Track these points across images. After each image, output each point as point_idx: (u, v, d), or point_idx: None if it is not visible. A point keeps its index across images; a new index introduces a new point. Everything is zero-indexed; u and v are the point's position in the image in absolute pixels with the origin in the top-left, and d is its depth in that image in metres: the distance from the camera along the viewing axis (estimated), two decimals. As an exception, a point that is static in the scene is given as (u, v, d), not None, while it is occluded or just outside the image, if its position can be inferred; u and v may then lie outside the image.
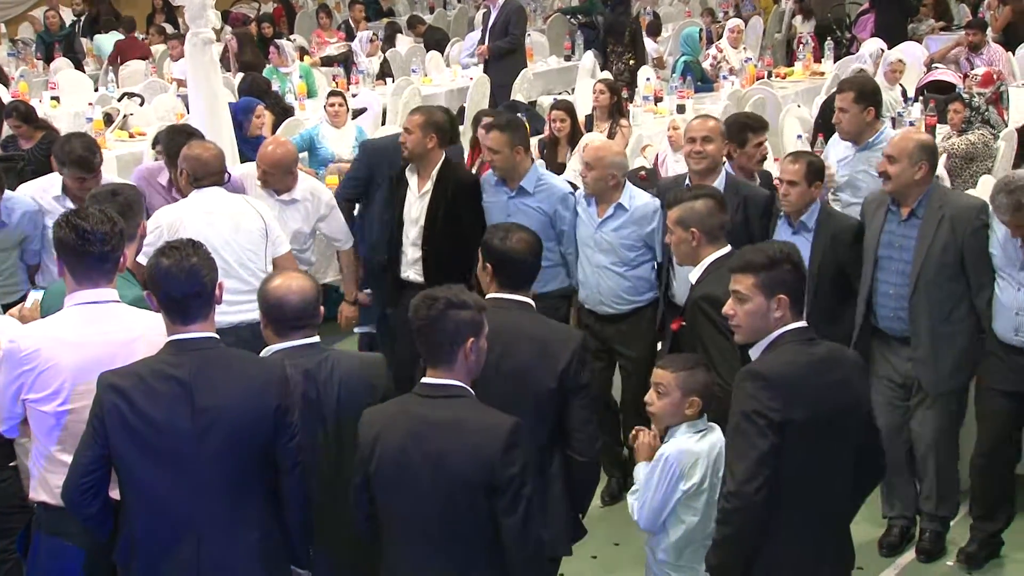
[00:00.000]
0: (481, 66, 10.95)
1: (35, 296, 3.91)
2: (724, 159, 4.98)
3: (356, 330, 5.98)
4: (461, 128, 9.88)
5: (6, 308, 4.30)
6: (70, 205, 4.98)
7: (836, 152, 5.55)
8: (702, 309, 3.76)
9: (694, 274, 3.93)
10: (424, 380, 3.02)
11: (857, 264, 4.60)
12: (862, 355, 4.37)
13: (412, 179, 5.23)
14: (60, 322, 3.24)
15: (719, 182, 4.76)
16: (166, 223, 4.56)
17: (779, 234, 4.71)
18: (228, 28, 13.04)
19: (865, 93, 5.23)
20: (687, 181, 4.95)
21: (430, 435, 2.92)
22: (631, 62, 11.33)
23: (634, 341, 4.98)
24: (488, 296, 3.50)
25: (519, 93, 10.56)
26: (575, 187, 5.30)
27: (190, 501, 2.98)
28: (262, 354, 3.33)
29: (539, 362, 3.27)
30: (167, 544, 2.99)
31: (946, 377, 4.53)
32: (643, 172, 6.62)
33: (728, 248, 3.93)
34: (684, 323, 3.94)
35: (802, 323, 3.19)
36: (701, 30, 11.39)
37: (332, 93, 8.54)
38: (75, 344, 3.17)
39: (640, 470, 3.55)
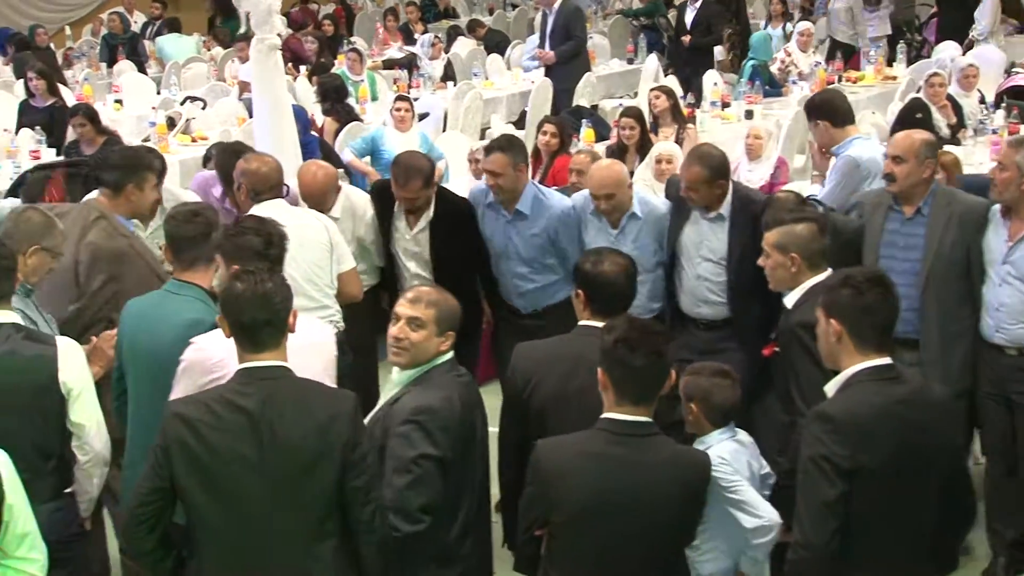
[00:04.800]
0: (543, 70, 10.74)
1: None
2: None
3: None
4: (522, 133, 9.78)
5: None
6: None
7: None
8: (798, 337, 3.58)
9: (791, 298, 3.76)
10: (617, 416, 2.92)
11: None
12: None
13: (401, 215, 5.05)
14: None
15: (726, 205, 4.60)
16: None
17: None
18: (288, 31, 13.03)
19: (810, 108, 5.31)
20: None
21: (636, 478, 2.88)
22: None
23: None
24: (580, 323, 3.37)
25: (582, 97, 10.37)
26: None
27: (258, 538, 2.85)
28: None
29: None
30: None
31: (955, 377, 4.36)
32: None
33: (829, 271, 3.74)
34: (777, 349, 3.75)
35: (884, 360, 2.98)
36: (770, 36, 11.14)
37: (399, 98, 8.44)
38: None
39: None
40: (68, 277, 4.05)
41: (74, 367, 3.37)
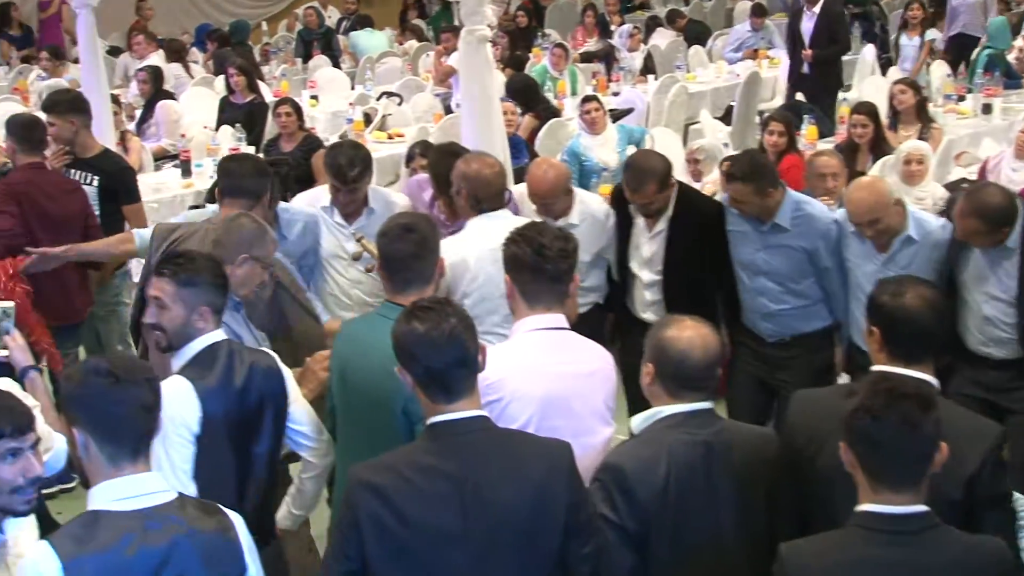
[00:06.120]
0: (748, 63, 9.93)
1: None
2: None
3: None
4: (729, 129, 9.14)
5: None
6: (338, 218, 4.59)
7: None
8: None
9: None
10: (876, 509, 2.33)
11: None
12: None
13: (639, 217, 4.54)
14: (522, 349, 2.99)
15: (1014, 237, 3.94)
16: (447, 263, 3.77)
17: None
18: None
19: None
20: None
21: None
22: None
23: None
24: (874, 369, 2.79)
25: (800, 91, 9.64)
26: None
27: None
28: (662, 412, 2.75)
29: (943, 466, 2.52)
30: None
31: None
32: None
33: None
34: None
35: None
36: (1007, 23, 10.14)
37: (586, 99, 7.69)
38: (542, 374, 2.93)
39: None
40: None
41: (292, 385, 3.17)
